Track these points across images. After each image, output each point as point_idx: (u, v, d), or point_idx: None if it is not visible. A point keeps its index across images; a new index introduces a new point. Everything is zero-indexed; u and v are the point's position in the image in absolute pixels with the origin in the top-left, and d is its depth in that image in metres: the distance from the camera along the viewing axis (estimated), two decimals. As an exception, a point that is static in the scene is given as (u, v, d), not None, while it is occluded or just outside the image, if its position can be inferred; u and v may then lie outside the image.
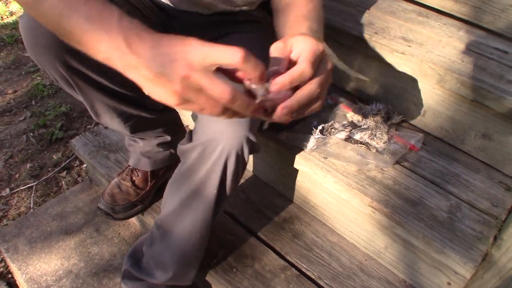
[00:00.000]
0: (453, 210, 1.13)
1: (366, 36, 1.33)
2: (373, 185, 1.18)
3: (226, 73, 0.66)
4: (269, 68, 0.66)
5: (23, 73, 2.55)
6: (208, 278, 1.28)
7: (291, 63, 0.68)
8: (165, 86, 0.60)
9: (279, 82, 0.63)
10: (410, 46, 1.29)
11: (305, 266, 1.29)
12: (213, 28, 1.24)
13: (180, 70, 0.58)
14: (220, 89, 0.58)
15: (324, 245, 1.35)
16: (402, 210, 1.12)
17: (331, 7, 1.50)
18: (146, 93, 0.64)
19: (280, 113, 0.65)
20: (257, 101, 0.63)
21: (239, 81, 0.65)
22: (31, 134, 2.09)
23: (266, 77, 0.63)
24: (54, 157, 1.97)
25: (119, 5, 1.09)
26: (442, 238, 1.06)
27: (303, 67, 0.65)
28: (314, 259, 1.31)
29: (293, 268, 1.29)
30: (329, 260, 1.31)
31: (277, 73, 0.65)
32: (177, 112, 1.44)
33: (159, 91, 0.61)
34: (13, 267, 1.43)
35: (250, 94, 0.64)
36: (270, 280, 1.26)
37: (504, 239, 1.01)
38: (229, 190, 1.04)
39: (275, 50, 0.68)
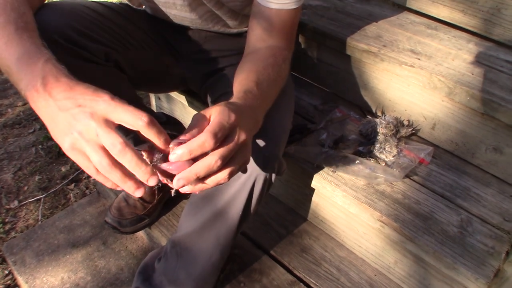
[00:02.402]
0: (464, 224, 1.12)
1: (374, 49, 1.32)
2: (383, 199, 1.16)
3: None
4: (180, 136, 0.64)
5: (33, 85, 2.57)
6: (216, 293, 1.27)
7: None
8: (64, 127, 0.61)
9: (178, 153, 0.62)
10: (419, 59, 1.29)
11: (313, 281, 1.28)
12: (213, 44, 1.26)
13: (83, 116, 0.59)
14: (113, 139, 0.58)
15: (333, 259, 1.33)
16: (412, 224, 1.10)
17: (339, 19, 1.50)
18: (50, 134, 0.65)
19: (176, 184, 0.63)
20: (148, 167, 0.61)
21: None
22: (40, 146, 2.10)
23: (169, 146, 0.63)
24: (63, 169, 1.97)
25: (117, 23, 1.11)
26: (453, 253, 1.04)
27: (203, 138, 0.62)
28: (323, 274, 1.29)
29: (301, 283, 1.28)
30: (338, 275, 1.29)
31: (182, 143, 0.63)
32: (183, 126, 1.44)
33: (57, 131, 0.62)
34: (20, 280, 1.43)
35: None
36: (278, 295, 1.25)
37: (516, 255, 1.00)
38: (253, 210, 1.03)
39: (195, 119, 0.66)
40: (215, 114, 0.66)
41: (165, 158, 0.64)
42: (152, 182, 0.61)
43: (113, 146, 0.58)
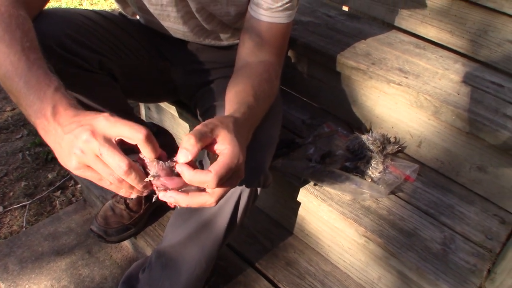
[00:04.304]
0: (447, 242, 1.13)
1: (363, 66, 1.34)
2: (368, 215, 1.17)
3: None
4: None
5: (22, 91, 2.55)
6: (199, 304, 1.26)
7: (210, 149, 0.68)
8: (68, 147, 0.62)
9: (182, 174, 0.64)
10: (406, 78, 1.31)
11: (297, 295, 1.28)
12: (204, 55, 1.28)
13: (84, 133, 0.60)
14: (118, 160, 0.59)
15: (317, 274, 1.34)
16: (396, 241, 1.12)
17: (330, 36, 1.52)
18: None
19: (164, 197, 0.65)
20: (147, 179, 0.64)
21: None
22: (27, 152, 2.08)
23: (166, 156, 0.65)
24: (49, 176, 1.96)
25: (112, 32, 1.12)
26: (435, 270, 1.05)
27: (208, 179, 0.63)
28: (307, 288, 1.30)
29: (285, 297, 1.28)
30: (322, 290, 1.30)
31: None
32: (172, 137, 1.45)
33: (63, 154, 0.64)
34: (2, 287, 1.41)
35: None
36: (262, 308, 1.25)
37: (497, 273, 1.01)
38: (239, 222, 1.03)
39: (198, 133, 0.65)
40: (226, 149, 0.66)
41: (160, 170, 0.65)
42: (146, 193, 0.65)
43: (118, 167, 0.59)
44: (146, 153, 0.63)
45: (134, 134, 0.60)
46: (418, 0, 1.60)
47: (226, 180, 0.66)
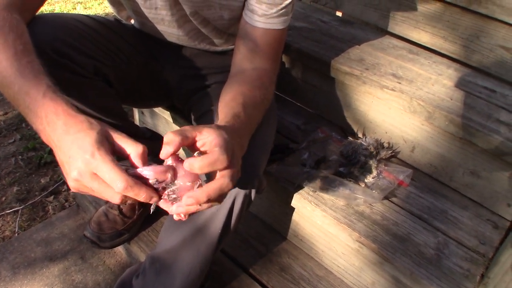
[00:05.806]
0: (440, 247, 1.13)
1: (357, 71, 1.35)
2: (361, 220, 1.18)
3: None
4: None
5: (15, 95, 2.53)
6: (193, 310, 1.26)
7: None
8: (66, 169, 0.64)
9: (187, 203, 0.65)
10: (400, 83, 1.31)
11: (291, 300, 1.28)
12: (199, 61, 1.28)
13: (77, 162, 0.61)
14: (114, 177, 0.60)
15: (311, 279, 1.34)
16: (390, 246, 1.12)
17: (323, 41, 1.52)
18: None
19: (185, 202, 0.66)
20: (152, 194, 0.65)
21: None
22: (20, 157, 2.07)
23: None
24: (42, 181, 1.95)
25: (107, 37, 1.12)
26: (429, 275, 1.06)
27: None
28: (301, 293, 1.30)
29: (279, 302, 1.28)
30: (316, 295, 1.30)
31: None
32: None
33: (63, 169, 0.65)
34: (-6, 294, 1.40)
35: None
36: (256, 314, 1.25)
37: (491, 278, 1.02)
38: (233, 227, 1.03)
39: (177, 130, 0.68)
40: (210, 137, 0.68)
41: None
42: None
43: (115, 183, 0.60)
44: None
45: (131, 151, 0.63)
46: (411, 6, 1.61)
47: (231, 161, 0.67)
